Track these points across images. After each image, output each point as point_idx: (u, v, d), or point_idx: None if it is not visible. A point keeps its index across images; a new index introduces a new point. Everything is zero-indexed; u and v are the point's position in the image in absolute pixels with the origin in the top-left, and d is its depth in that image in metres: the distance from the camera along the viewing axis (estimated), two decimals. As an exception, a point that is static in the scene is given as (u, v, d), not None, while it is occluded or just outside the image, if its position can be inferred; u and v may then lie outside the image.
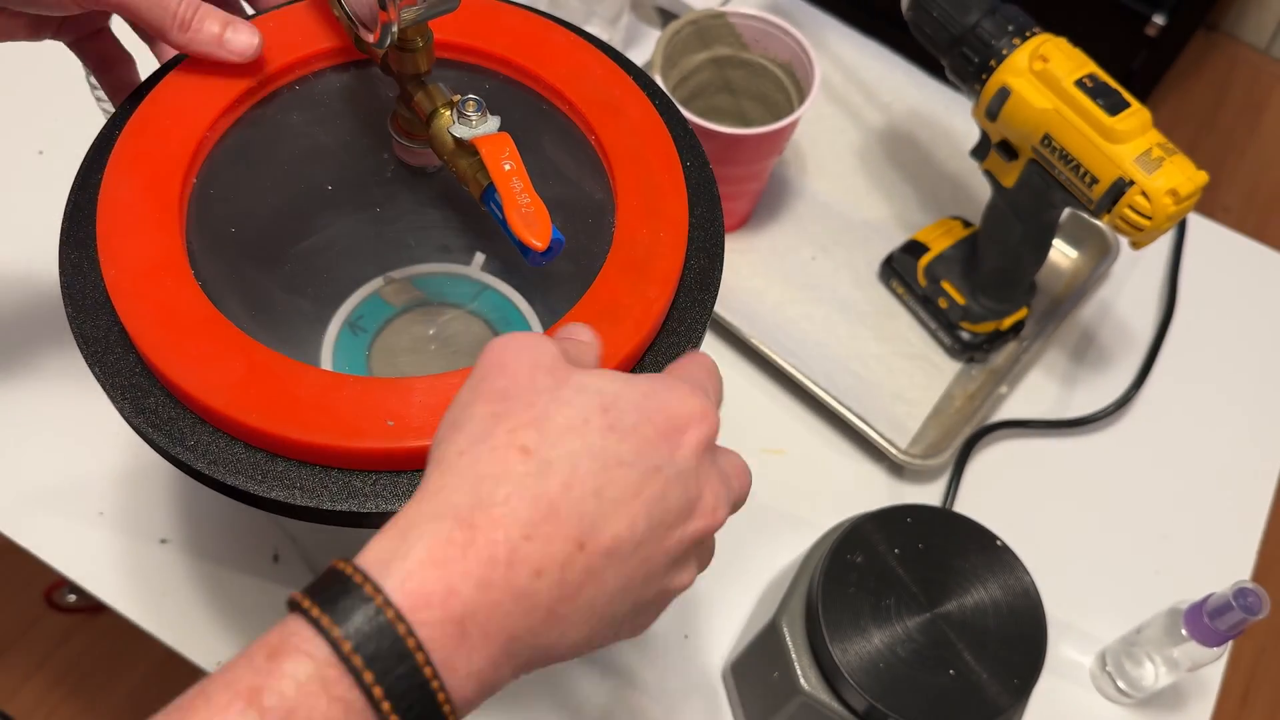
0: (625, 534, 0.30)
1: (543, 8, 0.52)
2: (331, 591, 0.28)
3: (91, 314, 0.40)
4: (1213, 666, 0.66)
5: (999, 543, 0.54)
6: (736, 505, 0.35)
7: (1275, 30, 2.06)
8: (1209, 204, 1.90)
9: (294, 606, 0.28)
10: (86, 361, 0.39)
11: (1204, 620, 0.56)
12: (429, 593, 0.27)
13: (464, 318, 0.56)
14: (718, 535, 0.67)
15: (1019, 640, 0.51)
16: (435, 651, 0.27)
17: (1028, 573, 0.53)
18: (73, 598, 1.29)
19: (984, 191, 0.71)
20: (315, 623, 0.27)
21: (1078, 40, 0.63)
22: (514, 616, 0.28)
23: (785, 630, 0.54)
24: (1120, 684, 0.64)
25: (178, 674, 1.45)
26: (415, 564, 0.28)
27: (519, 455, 0.29)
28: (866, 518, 0.54)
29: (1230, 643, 0.57)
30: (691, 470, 0.32)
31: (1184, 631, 0.57)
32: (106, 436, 0.66)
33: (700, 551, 0.35)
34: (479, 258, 0.58)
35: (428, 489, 0.30)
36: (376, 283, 0.56)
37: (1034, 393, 0.76)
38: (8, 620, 1.31)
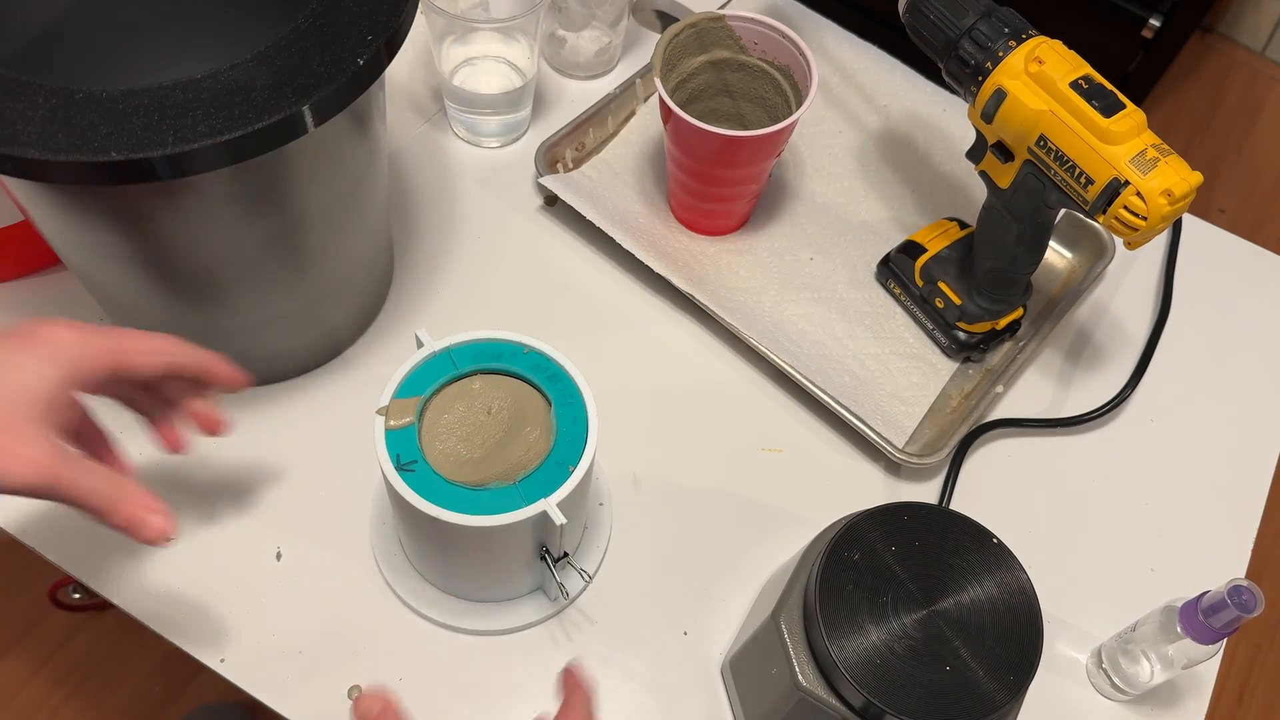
0: None
1: (545, 11, 0.53)
2: None
3: None
4: (1208, 664, 0.66)
5: (995, 540, 0.54)
6: None
7: (1271, 32, 2.07)
8: (1204, 205, 1.91)
9: None
10: None
11: (1199, 617, 0.56)
12: None
13: (519, 386, 0.57)
14: (717, 533, 0.68)
15: (1015, 637, 0.51)
16: None
17: (1024, 570, 0.53)
18: (78, 595, 1.30)
19: (980, 193, 0.72)
20: None
21: (1074, 43, 0.64)
22: None
23: (783, 627, 0.54)
24: (1116, 680, 0.64)
25: (181, 672, 1.45)
26: None
27: None
28: (864, 515, 0.55)
29: (1225, 640, 0.57)
30: None
31: (1179, 629, 0.58)
32: (110, 435, 0.66)
33: None
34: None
35: None
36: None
37: (1030, 392, 0.77)
38: (12, 618, 1.31)
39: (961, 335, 0.75)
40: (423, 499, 0.51)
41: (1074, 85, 0.61)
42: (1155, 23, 1.52)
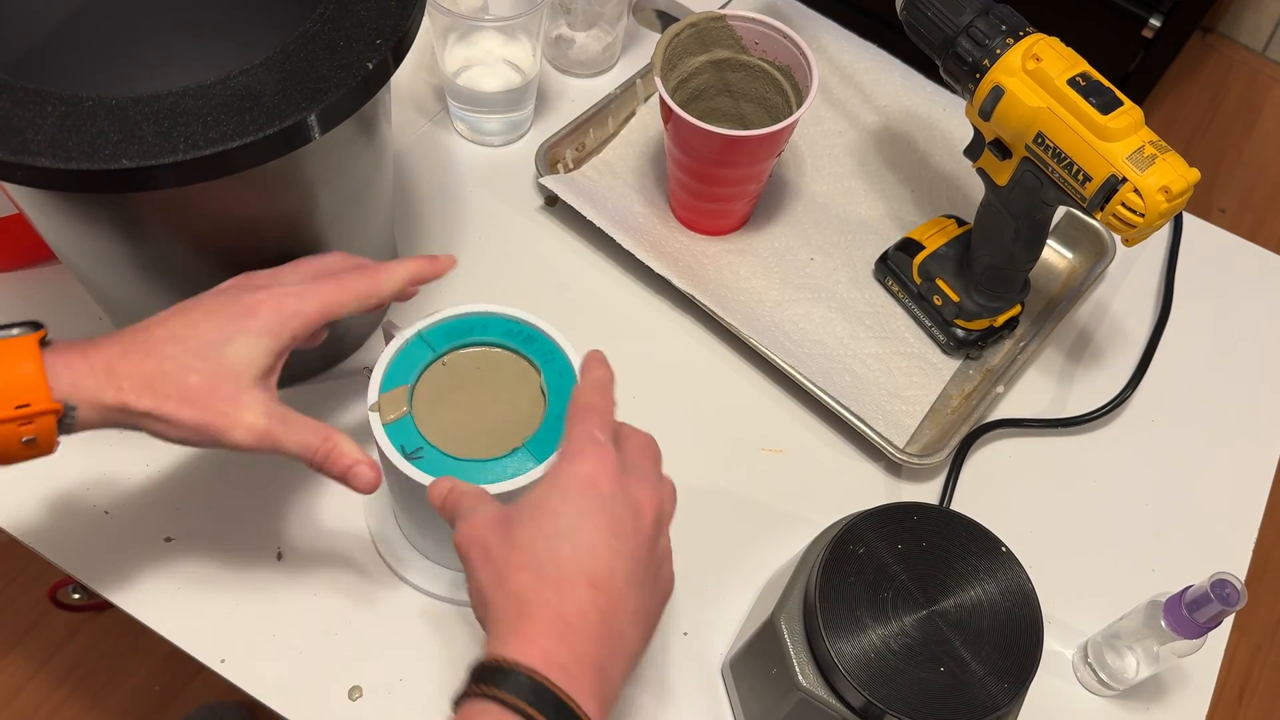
0: (607, 563, 0.43)
1: (548, 12, 0.53)
2: (492, 674, 0.40)
3: None
4: (1209, 664, 0.66)
5: (1004, 549, 0.54)
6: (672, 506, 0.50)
7: (1271, 32, 2.07)
8: (1204, 205, 1.91)
9: (468, 695, 0.40)
10: None
11: (1183, 612, 0.56)
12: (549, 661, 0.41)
13: (499, 355, 0.57)
14: (717, 533, 0.68)
15: (1015, 642, 0.51)
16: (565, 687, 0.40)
17: (1029, 579, 0.53)
18: (78, 596, 1.30)
19: (978, 191, 0.72)
20: (493, 697, 0.39)
21: (1074, 43, 0.64)
22: (588, 647, 0.42)
23: (783, 627, 0.54)
24: (1102, 675, 0.64)
25: (181, 672, 1.45)
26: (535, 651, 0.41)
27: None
28: (865, 515, 0.55)
29: (1210, 635, 0.57)
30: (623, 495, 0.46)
31: (1164, 623, 0.58)
32: (112, 436, 0.66)
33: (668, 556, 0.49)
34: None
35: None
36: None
37: (1030, 392, 0.77)
38: (13, 618, 1.31)
39: (959, 332, 0.75)
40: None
41: (1071, 82, 0.61)
42: (1155, 23, 1.52)
